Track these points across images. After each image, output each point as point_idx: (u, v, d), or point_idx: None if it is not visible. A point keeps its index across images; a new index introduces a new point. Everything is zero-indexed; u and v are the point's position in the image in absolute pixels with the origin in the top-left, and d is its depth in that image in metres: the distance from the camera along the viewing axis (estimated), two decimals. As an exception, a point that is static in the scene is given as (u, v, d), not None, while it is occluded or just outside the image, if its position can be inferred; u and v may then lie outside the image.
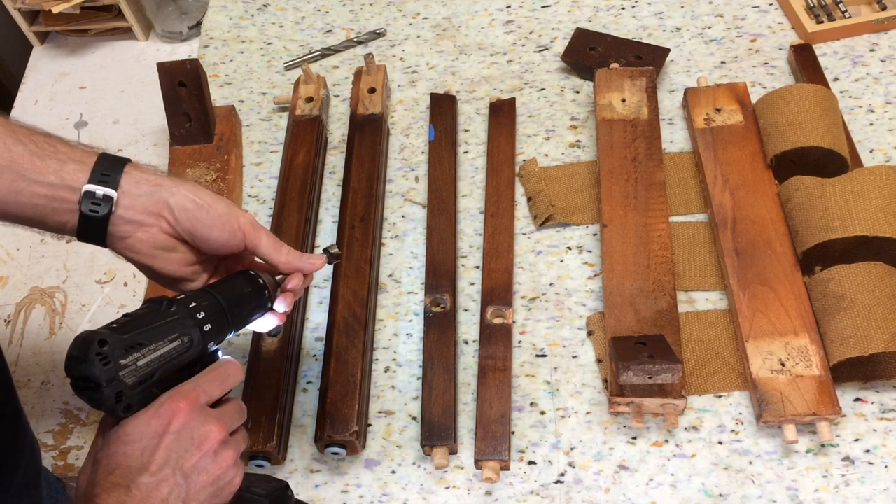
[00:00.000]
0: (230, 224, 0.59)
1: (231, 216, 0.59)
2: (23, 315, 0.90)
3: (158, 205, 0.57)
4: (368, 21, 1.10)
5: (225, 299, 0.57)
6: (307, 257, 0.63)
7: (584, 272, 0.84)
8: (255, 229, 0.61)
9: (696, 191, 0.87)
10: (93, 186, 0.55)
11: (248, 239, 0.60)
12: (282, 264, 0.62)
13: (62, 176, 0.55)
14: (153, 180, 0.58)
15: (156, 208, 0.57)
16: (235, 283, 0.60)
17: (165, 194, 0.57)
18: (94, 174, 0.56)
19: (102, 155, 0.58)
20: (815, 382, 0.71)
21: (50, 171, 0.55)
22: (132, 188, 0.57)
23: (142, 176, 0.57)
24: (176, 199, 0.57)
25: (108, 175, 0.56)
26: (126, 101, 1.08)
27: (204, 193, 0.59)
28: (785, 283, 0.77)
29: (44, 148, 0.56)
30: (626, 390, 0.71)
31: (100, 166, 0.56)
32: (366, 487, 0.74)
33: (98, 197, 0.56)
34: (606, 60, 0.96)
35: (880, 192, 0.75)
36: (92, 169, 0.56)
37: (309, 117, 0.95)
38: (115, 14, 1.10)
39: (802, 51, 0.95)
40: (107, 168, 0.57)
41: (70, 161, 0.56)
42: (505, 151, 0.91)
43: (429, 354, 0.77)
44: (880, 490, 0.68)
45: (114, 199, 0.56)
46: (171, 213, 0.57)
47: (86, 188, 0.55)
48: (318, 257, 0.64)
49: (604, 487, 0.71)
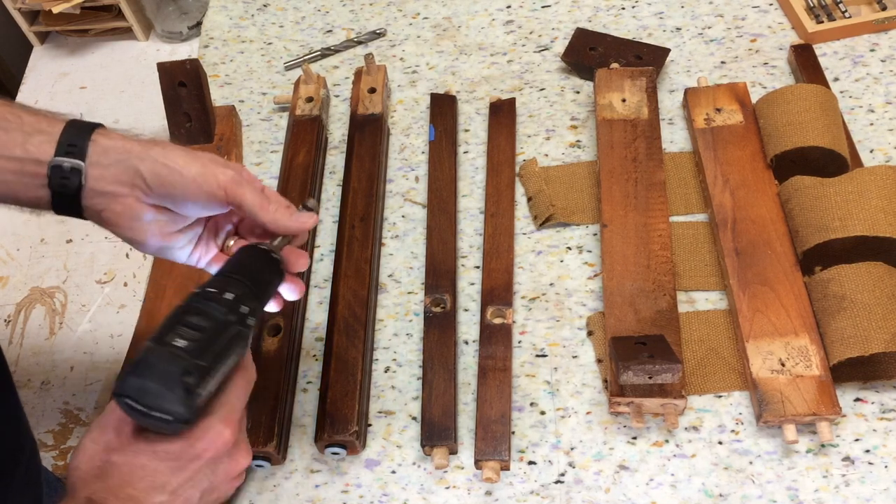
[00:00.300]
0: (208, 185, 0.55)
1: (208, 176, 0.55)
2: (23, 315, 0.90)
3: (129, 173, 0.54)
4: (368, 21, 1.10)
5: (255, 286, 0.54)
6: (297, 216, 0.59)
7: (584, 272, 0.84)
8: (237, 186, 0.56)
9: (697, 191, 0.87)
10: (59, 159, 0.52)
11: (231, 198, 0.56)
12: (269, 223, 0.58)
13: (27, 149, 0.53)
14: (122, 147, 0.54)
15: (127, 177, 0.54)
16: (255, 263, 0.56)
17: (135, 161, 0.54)
18: (60, 146, 0.53)
19: (70, 122, 0.54)
20: (816, 382, 0.71)
21: (15, 145, 0.52)
22: (101, 158, 0.53)
23: (110, 143, 0.54)
24: (147, 166, 0.54)
25: (75, 145, 0.53)
26: (126, 101, 1.08)
27: (176, 154, 0.55)
28: (785, 283, 0.77)
29: (7, 119, 0.53)
30: (626, 390, 0.71)
31: (66, 136, 0.53)
32: (366, 487, 0.74)
33: (66, 170, 0.53)
34: (606, 60, 0.96)
35: (880, 192, 0.75)
36: (58, 140, 0.53)
37: (309, 117, 0.95)
38: (115, 14, 1.10)
39: (802, 51, 0.95)
40: (73, 137, 0.53)
41: (35, 133, 0.53)
42: (505, 151, 0.91)
43: (429, 354, 0.77)
44: (880, 490, 0.68)
45: (82, 171, 0.53)
46: (143, 182, 0.54)
47: (53, 162, 0.52)
48: (309, 215, 0.60)
49: (604, 487, 0.71)
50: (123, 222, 0.55)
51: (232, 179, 0.56)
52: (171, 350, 0.47)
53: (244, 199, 0.56)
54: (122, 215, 0.55)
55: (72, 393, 0.83)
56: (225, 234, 0.64)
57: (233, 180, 0.56)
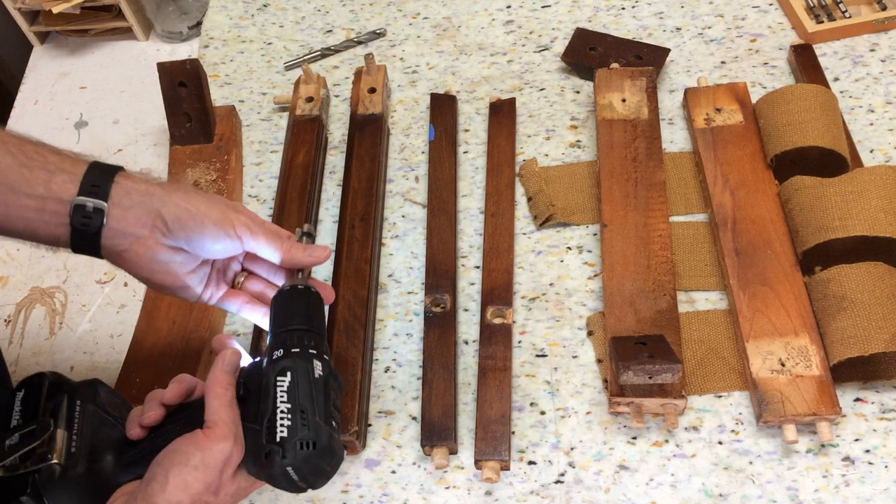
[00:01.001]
0: (226, 230, 0.57)
1: (226, 222, 0.57)
2: (23, 315, 0.90)
3: (151, 215, 0.56)
4: (368, 21, 1.10)
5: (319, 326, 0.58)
6: (311, 251, 0.62)
7: (584, 272, 0.84)
8: (252, 233, 0.59)
9: (697, 191, 0.87)
10: (83, 199, 0.54)
11: (246, 244, 0.59)
12: (285, 262, 0.61)
13: (51, 188, 0.54)
14: (144, 189, 0.56)
15: (149, 219, 0.56)
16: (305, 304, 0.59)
17: (157, 204, 0.56)
18: (83, 185, 0.54)
19: (93, 164, 0.56)
20: (816, 382, 0.71)
21: (38, 183, 0.53)
22: (123, 199, 0.55)
23: (132, 185, 0.56)
24: (168, 210, 0.56)
25: (98, 186, 0.55)
26: (126, 101, 1.08)
27: (197, 200, 0.57)
28: (785, 283, 0.77)
29: (33, 158, 0.54)
30: (626, 390, 0.71)
31: (89, 176, 0.55)
32: (366, 487, 0.74)
33: (88, 210, 0.54)
34: (606, 60, 0.96)
35: (880, 192, 0.75)
36: (81, 180, 0.55)
37: (309, 117, 0.95)
38: (115, 14, 1.10)
39: (802, 51, 0.95)
40: (96, 178, 0.55)
41: (59, 172, 0.55)
42: (505, 151, 0.91)
43: (429, 354, 0.77)
44: (880, 490, 0.68)
45: (104, 211, 0.54)
46: (164, 224, 0.56)
47: (76, 201, 0.54)
48: (322, 249, 0.62)
49: (604, 487, 0.71)
50: (142, 262, 0.57)
51: (246, 226, 0.58)
52: (335, 431, 0.53)
53: (259, 245, 0.59)
54: (142, 256, 0.57)
55: (72, 393, 0.83)
56: (233, 271, 0.66)
57: (247, 227, 0.58)
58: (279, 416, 0.52)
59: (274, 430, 0.51)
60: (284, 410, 0.52)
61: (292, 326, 0.56)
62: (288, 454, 0.51)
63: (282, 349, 0.55)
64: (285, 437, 0.51)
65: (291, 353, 0.54)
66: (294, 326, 0.57)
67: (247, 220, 0.59)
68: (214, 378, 0.55)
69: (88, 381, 0.57)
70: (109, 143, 1.03)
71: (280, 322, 0.57)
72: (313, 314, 0.58)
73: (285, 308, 0.59)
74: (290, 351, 0.55)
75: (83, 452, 0.54)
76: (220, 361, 0.56)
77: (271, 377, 0.54)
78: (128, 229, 0.56)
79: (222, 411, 0.53)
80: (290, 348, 0.55)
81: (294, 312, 0.58)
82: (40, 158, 0.55)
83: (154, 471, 0.50)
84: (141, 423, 0.55)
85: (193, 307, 0.82)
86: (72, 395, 0.56)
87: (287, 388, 0.53)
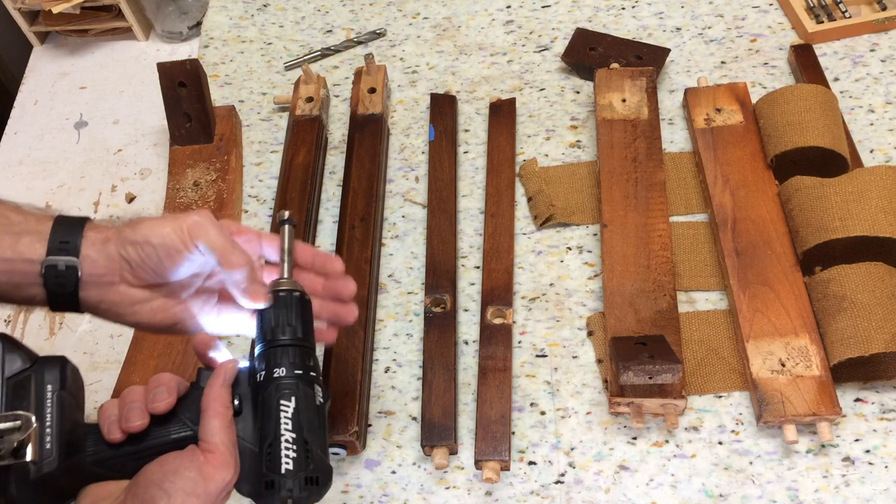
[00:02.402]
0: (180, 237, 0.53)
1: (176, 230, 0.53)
2: (23, 315, 0.90)
3: (114, 261, 0.54)
4: (368, 21, 1.10)
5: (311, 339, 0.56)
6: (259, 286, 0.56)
7: (584, 272, 0.84)
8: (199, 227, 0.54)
9: (697, 191, 0.87)
10: (53, 258, 0.52)
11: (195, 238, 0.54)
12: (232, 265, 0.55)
13: (19, 250, 0.52)
14: (104, 237, 0.54)
15: (115, 265, 0.54)
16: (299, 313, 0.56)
17: (113, 248, 0.54)
18: (51, 244, 0.52)
19: (58, 219, 0.54)
20: (816, 383, 0.71)
21: (5, 247, 0.51)
22: (90, 251, 0.53)
23: (97, 236, 0.54)
24: (126, 249, 0.53)
25: (67, 242, 0.53)
26: (126, 101, 1.08)
27: (144, 226, 0.54)
28: (785, 283, 0.77)
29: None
30: (626, 390, 0.71)
31: (56, 234, 0.53)
32: (366, 487, 0.74)
33: (61, 269, 0.52)
34: (606, 60, 0.96)
35: (880, 192, 0.75)
36: (49, 238, 0.52)
37: (309, 117, 0.95)
38: (115, 14, 1.10)
39: (802, 51, 0.95)
40: (64, 235, 0.53)
41: (25, 233, 0.52)
42: (505, 151, 0.91)
43: (429, 355, 0.77)
44: (880, 490, 0.68)
45: (77, 268, 0.52)
46: (127, 265, 0.54)
47: (46, 261, 0.52)
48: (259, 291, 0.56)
49: (604, 488, 0.71)
50: (123, 310, 0.55)
51: (195, 222, 0.54)
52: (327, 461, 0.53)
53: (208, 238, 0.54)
54: (120, 304, 0.55)
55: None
56: None
57: (195, 223, 0.54)
58: (283, 446, 0.51)
59: (277, 459, 0.50)
60: (289, 440, 0.51)
61: (287, 340, 0.55)
62: (293, 489, 0.50)
63: (283, 368, 0.53)
64: (290, 469, 0.50)
65: (295, 375, 0.53)
66: (289, 341, 0.55)
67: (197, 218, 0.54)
68: (214, 394, 0.52)
69: (54, 358, 0.52)
70: (109, 143, 1.03)
71: (273, 332, 0.55)
72: (306, 325, 0.56)
73: (276, 317, 0.56)
74: (293, 372, 0.53)
75: (56, 448, 0.50)
76: (220, 375, 0.53)
77: (273, 399, 0.52)
78: (100, 280, 0.54)
79: (223, 433, 0.51)
80: (292, 368, 0.53)
81: (287, 323, 0.55)
82: (4, 220, 0.53)
83: (153, 493, 0.48)
84: (124, 429, 0.51)
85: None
86: (39, 376, 0.51)
87: (291, 414, 0.51)
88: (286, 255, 0.59)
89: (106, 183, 0.99)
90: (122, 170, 1.00)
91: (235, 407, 0.53)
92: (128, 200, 0.97)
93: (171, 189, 0.92)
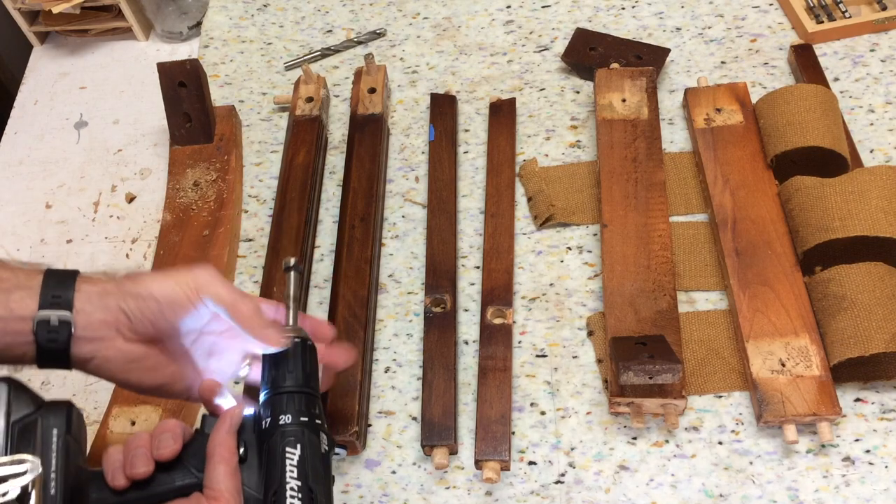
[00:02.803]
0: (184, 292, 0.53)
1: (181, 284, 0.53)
2: (23, 315, 0.89)
3: (112, 314, 0.52)
4: (368, 21, 1.10)
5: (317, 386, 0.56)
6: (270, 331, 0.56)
7: (584, 272, 0.84)
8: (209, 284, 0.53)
9: (697, 191, 0.87)
10: (45, 313, 0.50)
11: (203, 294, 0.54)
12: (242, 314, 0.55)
13: (10, 307, 0.50)
14: (102, 290, 0.53)
15: (112, 318, 0.52)
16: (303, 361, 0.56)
17: (117, 300, 0.53)
18: (43, 298, 0.51)
19: (48, 273, 0.52)
20: (816, 383, 0.71)
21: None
22: (85, 305, 0.52)
23: (92, 289, 0.53)
24: (127, 302, 0.53)
25: (59, 296, 0.51)
26: (126, 101, 1.08)
27: (147, 281, 0.53)
28: (785, 283, 0.77)
29: None
30: (626, 390, 0.71)
31: (47, 287, 0.51)
32: (366, 487, 0.74)
33: (54, 324, 0.50)
34: (606, 60, 0.96)
35: (880, 192, 0.75)
36: (40, 292, 0.51)
37: (309, 117, 0.95)
38: (115, 14, 1.10)
39: (802, 51, 0.95)
40: (55, 289, 0.52)
41: (15, 289, 0.51)
42: (505, 151, 0.91)
43: (429, 355, 0.77)
44: (881, 490, 0.68)
45: (71, 322, 0.51)
46: (126, 319, 0.53)
47: (38, 316, 0.50)
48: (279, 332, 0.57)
49: (604, 488, 0.71)
50: (116, 367, 0.54)
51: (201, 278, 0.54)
52: None
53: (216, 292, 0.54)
54: (113, 360, 0.53)
55: (72, 393, 0.83)
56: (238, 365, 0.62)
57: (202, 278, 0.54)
58: (288, 494, 0.50)
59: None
60: (294, 488, 0.50)
61: (293, 387, 0.54)
62: None
63: (289, 415, 0.53)
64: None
65: (301, 422, 0.53)
66: (295, 388, 0.55)
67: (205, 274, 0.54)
68: (220, 440, 0.51)
69: (60, 402, 0.52)
70: (109, 144, 1.03)
71: (277, 379, 0.55)
72: (311, 372, 0.56)
73: (281, 364, 0.56)
74: (298, 419, 0.53)
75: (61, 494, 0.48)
76: (225, 422, 0.52)
77: (279, 446, 0.52)
78: (95, 334, 0.52)
79: (228, 480, 0.50)
80: (298, 416, 0.53)
81: (292, 370, 0.56)
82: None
83: None
84: (129, 475, 0.51)
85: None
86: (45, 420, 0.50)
87: (297, 462, 0.51)
88: (291, 301, 0.60)
89: (106, 183, 0.99)
90: (122, 170, 1.00)
91: (241, 454, 0.52)
92: (128, 200, 0.97)
93: (171, 189, 0.92)
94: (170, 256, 0.87)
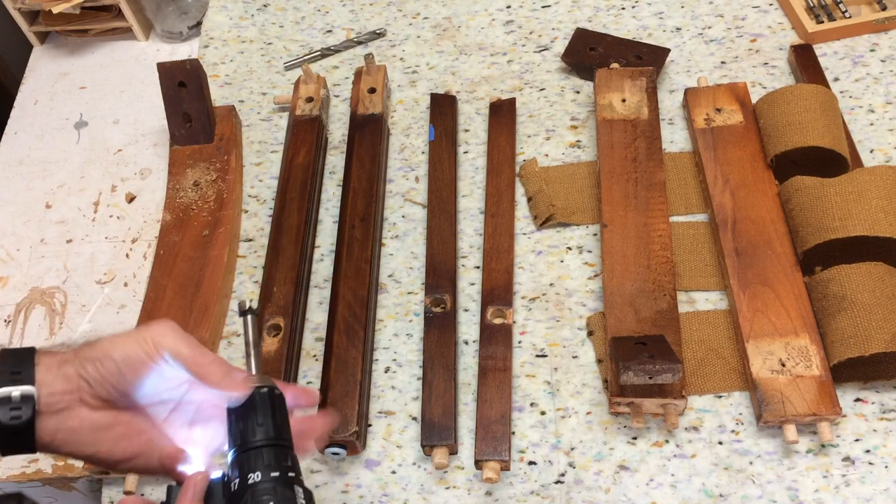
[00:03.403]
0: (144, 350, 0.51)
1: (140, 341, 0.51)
2: (23, 315, 0.90)
3: (73, 381, 0.50)
4: (368, 21, 1.10)
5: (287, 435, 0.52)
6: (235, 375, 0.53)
7: (584, 272, 0.84)
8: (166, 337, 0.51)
9: (697, 191, 0.87)
10: (6, 390, 0.48)
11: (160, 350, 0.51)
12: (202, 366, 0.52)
13: None
14: (61, 359, 0.51)
15: (73, 386, 0.50)
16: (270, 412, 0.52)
17: (71, 369, 0.51)
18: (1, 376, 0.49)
19: (3, 353, 0.51)
20: (816, 382, 0.71)
21: None
22: (46, 376, 0.50)
23: (51, 360, 0.51)
24: (86, 367, 0.51)
25: (19, 372, 0.49)
26: (126, 101, 1.08)
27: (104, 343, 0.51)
28: (785, 283, 0.77)
29: None
30: (626, 390, 0.71)
31: (5, 365, 0.50)
32: (366, 487, 0.74)
33: (15, 400, 0.48)
34: (606, 60, 0.96)
35: (880, 192, 0.75)
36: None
37: (309, 117, 0.95)
38: (115, 14, 1.10)
39: (802, 51, 0.95)
40: (14, 365, 0.50)
41: None
42: (505, 151, 0.91)
43: (429, 354, 0.77)
44: (881, 490, 0.68)
45: (34, 397, 0.49)
46: (87, 384, 0.51)
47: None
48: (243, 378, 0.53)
49: (604, 488, 0.71)
50: (82, 437, 0.51)
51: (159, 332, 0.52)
52: None
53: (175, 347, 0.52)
54: (79, 430, 0.51)
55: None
56: None
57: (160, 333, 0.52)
58: None
59: None
60: None
61: (260, 441, 0.51)
62: None
63: (258, 472, 0.49)
64: None
65: (271, 479, 0.49)
66: (262, 441, 0.51)
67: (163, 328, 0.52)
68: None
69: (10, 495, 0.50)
70: (109, 144, 1.03)
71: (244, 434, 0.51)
72: (281, 422, 0.52)
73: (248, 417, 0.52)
74: (269, 475, 0.49)
75: None
76: (188, 490, 0.50)
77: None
78: (59, 406, 0.50)
79: None
80: (268, 472, 0.49)
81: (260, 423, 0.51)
82: None
83: None
84: None
85: (193, 308, 0.82)
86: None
87: None
88: (251, 348, 0.56)
89: (106, 183, 0.99)
90: (122, 170, 1.00)
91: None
92: (128, 200, 0.97)
93: (171, 189, 0.92)
94: (170, 256, 0.87)
